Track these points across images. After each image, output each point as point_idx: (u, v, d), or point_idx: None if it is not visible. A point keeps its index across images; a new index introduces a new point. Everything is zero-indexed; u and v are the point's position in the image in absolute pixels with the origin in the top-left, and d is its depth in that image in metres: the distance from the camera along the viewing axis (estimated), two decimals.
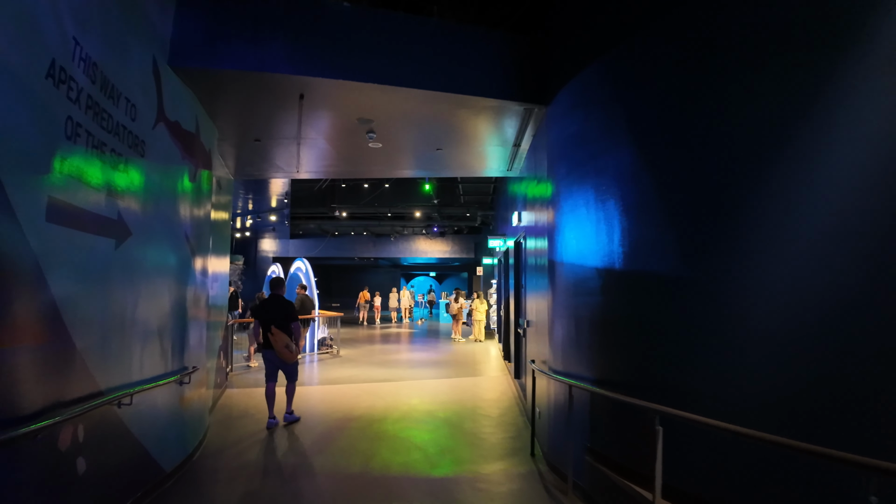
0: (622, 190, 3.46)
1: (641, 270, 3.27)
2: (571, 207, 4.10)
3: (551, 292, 4.61)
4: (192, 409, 4.99)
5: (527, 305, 6.61)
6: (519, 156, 6.66)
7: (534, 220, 5.89)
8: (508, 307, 9.71)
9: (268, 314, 5.87)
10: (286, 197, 12.90)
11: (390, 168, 7.41)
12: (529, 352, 6.14)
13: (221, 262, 7.33)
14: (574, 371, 3.99)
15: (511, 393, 7.72)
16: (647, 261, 3.22)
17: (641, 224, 3.28)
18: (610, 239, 3.54)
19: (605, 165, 3.64)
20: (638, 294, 3.30)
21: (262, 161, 7.19)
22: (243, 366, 9.99)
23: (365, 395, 7.48)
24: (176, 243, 4.49)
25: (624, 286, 3.42)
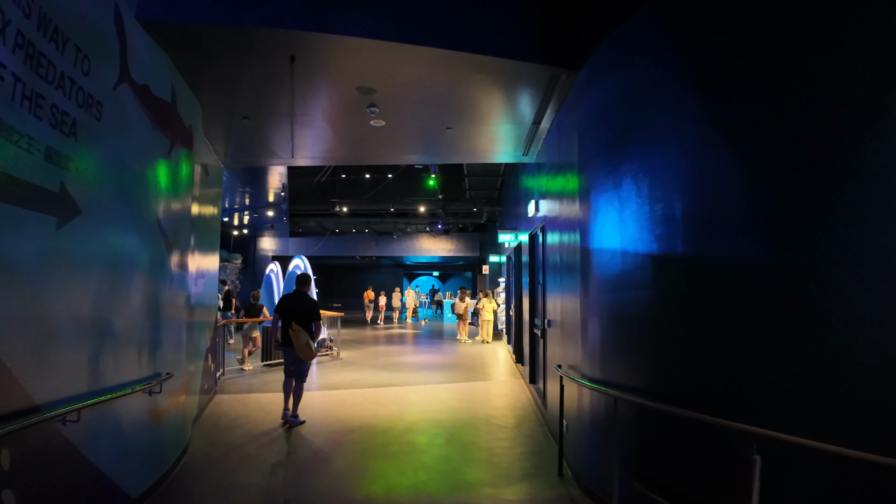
0: (685, 156, 2.79)
1: (711, 257, 2.60)
2: (613, 186, 3.44)
3: (583, 288, 3.95)
4: (167, 420, 4.34)
5: (546, 304, 5.94)
6: (537, 137, 5.99)
7: (556, 209, 5.23)
8: (521, 306, 9.03)
9: (290, 311, 5.66)
10: (283, 190, 12.24)
11: (394, 153, 6.75)
12: (551, 355, 5.47)
13: (209, 258, 6.68)
14: (617, 379, 3.32)
15: (526, 399, 7.05)
16: (719, 244, 2.56)
17: (712, 197, 2.61)
18: (668, 218, 2.87)
19: (661, 129, 2.97)
20: (706, 286, 2.63)
21: (253, 145, 6.54)
22: (236, 369, 9.33)
23: (367, 403, 6.82)
24: (146, 231, 3.84)
25: (687, 277, 2.75)
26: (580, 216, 4.07)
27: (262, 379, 8.60)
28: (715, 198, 2.60)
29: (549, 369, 5.73)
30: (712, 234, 2.60)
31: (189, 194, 5.03)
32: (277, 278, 14.28)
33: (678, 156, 2.83)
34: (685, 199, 2.77)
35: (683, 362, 2.75)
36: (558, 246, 5.06)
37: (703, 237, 2.66)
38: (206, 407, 6.53)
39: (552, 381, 5.40)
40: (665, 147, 2.93)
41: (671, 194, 2.87)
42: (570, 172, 4.50)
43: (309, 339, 5.57)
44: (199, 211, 6.04)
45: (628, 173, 3.26)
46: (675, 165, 2.84)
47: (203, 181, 6.15)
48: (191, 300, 5.37)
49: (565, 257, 4.68)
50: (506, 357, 11.26)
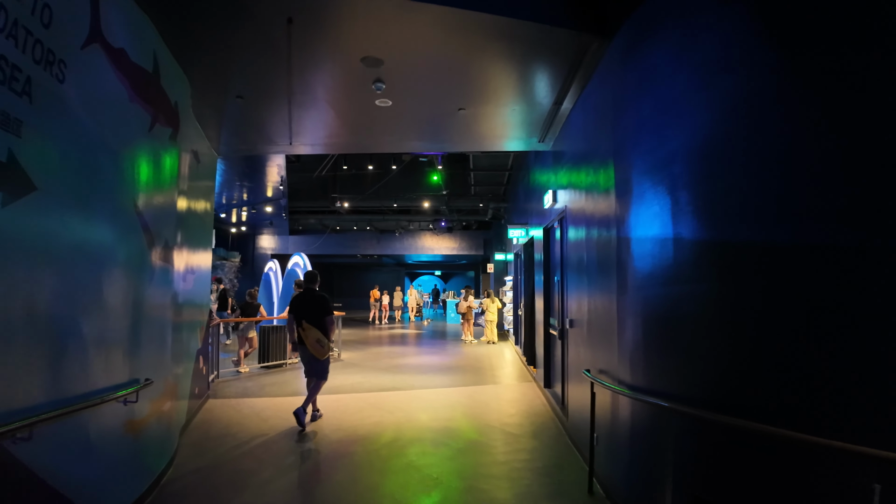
0: (756, 122, 2.31)
1: (793, 244, 2.12)
2: (662, 166, 2.96)
3: (620, 284, 3.47)
4: (148, 432, 3.86)
5: (566, 303, 5.46)
6: (556, 121, 5.52)
7: (581, 199, 4.75)
8: (533, 306, 8.55)
9: (301, 309, 5.58)
10: (282, 183, 11.74)
11: (401, 139, 6.26)
12: (574, 358, 4.99)
13: (200, 254, 6.20)
14: (665, 386, 2.84)
15: (541, 405, 6.57)
16: (804, 228, 2.07)
17: (797, 172, 2.13)
18: (736, 201, 2.39)
19: (724, 92, 2.49)
20: (792, 277, 2.15)
21: (249, 130, 6.06)
22: (232, 371, 8.85)
23: (370, 409, 6.34)
24: (122, 217, 3.36)
25: (762, 267, 2.27)
26: (615, 205, 3.59)
27: (258, 382, 8.12)
28: (798, 172, 2.12)
29: (569, 373, 5.25)
30: (794, 216, 2.12)
31: (176, 180, 4.55)
32: (276, 277, 13.80)
33: (745, 125, 2.35)
34: (759, 176, 2.29)
35: (758, 368, 2.27)
36: (584, 239, 4.58)
37: (781, 220, 2.18)
38: (196, 413, 6.05)
39: (575, 386, 4.92)
40: (728, 113, 2.45)
41: (738, 170, 2.38)
42: (601, 156, 4.02)
43: (320, 336, 5.47)
44: (190, 201, 5.56)
45: (681, 151, 2.77)
46: (743, 136, 2.36)
47: (194, 169, 5.68)
48: (178, 298, 4.90)
49: (594, 251, 4.20)
50: (514, 358, 10.78)
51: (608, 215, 3.76)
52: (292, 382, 8.08)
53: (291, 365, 9.62)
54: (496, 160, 11.70)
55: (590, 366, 4.18)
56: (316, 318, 5.51)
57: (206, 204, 6.63)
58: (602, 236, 3.93)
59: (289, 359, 9.59)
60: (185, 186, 5.14)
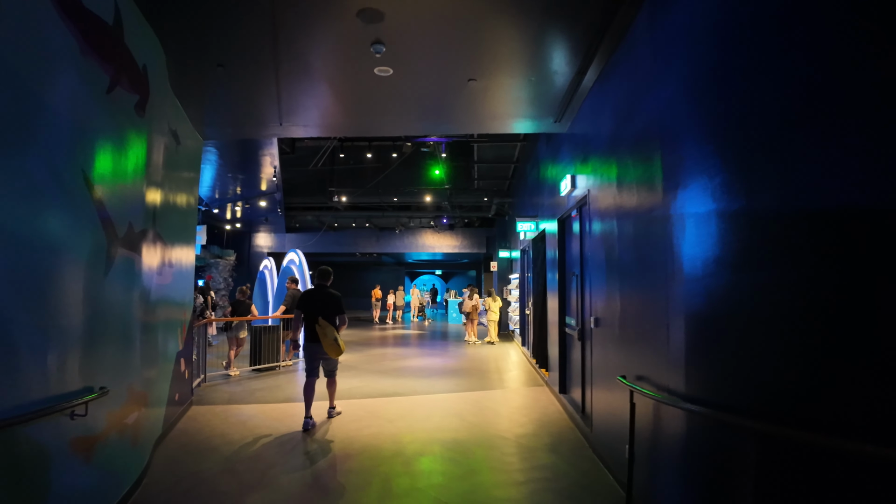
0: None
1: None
2: (736, 129, 2.37)
3: (669, 278, 2.89)
4: (106, 450, 3.27)
5: (589, 300, 4.88)
6: (577, 97, 4.93)
7: (611, 182, 4.18)
8: (544, 304, 7.96)
9: (314, 306, 5.43)
10: (276, 175, 11.13)
11: (403, 118, 5.66)
12: (601, 362, 4.40)
13: (181, 247, 5.61)
14: (737, 398, 2.25)
15: (557, 413, 5.98)
16: None
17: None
18: (857, 165, 1.80)
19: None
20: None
21: (234, 108, 5.47)
22: (221, 374, 8.26)
23: (368, 417, 5.74)
24: (64, 194, 2.77)
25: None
26: (663, 183, 3.01)
27: (247, 387, 7.52)
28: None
29: (593, 378, 4.66)
30: None
31: (145, 158, 3.95)
32: (271, 275, 13.22)
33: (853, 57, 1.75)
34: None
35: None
36: (615, 227, 3.99)
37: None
38: (176, 422, 5.45)
39: (602, 392, 4.33)
40: (828, 48, 1.86)
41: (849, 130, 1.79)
42: (641, 130, 3.43)
43: (336, 335, 5.31)
44: (167, 186, 4.97)
45: (763, 105, 2.18)
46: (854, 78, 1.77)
47: (172, 151, 5.09)
48: (149, 295, 4.30)
49: (631, 240, 3.62)
50: (521, 360, 10.19)
51: (653, 196, 3.17)
52: (284, 387, 7.48)
53: (284, 368, 9.02)
54: (502, 151, 11.12)
55: (625, 371, 3.59)
56: (330, 317, 5.39)
57: (188, 191, 6.04)
58: (644, 221, 3.34)
59: (282, 361, 8.99)
60: (159, 168, 4.56)
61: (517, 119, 5.70)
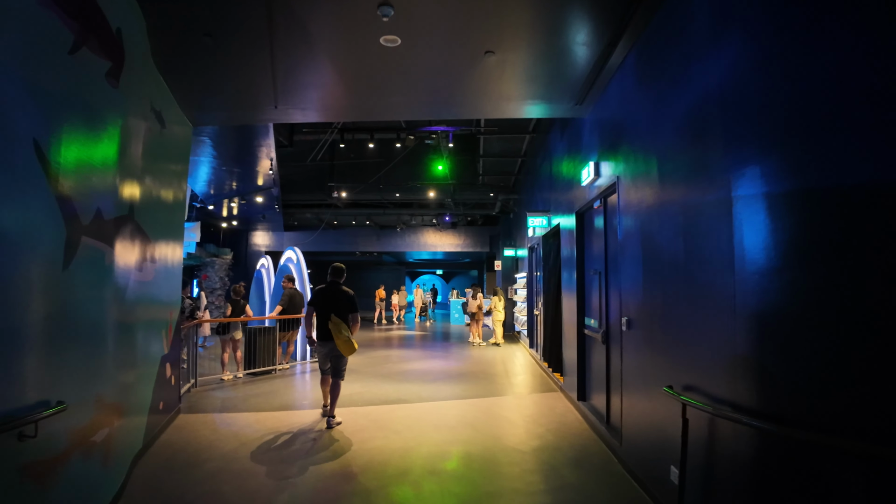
0: None
1: None
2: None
3: (734, 268, 2.42)
4: (66, 473, 2.79)
5: (618, 298, 4.41)
6: (605, 73, 4.46)
7: (651, 168, 3.72)
8: (557, 303, 7.49)
9: (327, 303, 5.31)
10: (272, 168, 10.62)
11: (411, 100, 5.15)
12: (634, 367, 3.91)
13: (167, 241, 5.13)
14: (852, 422, 1.78)
15: (576, 421, 5.50)
16: None
17: None
18: None
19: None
20: None
21: (224, 87, 4.99)
22: (215, 379, 7.76)
23: (372, 427, 5.25)
24: (14, 174, 2.29)
25: None
26: (723, 165, 2.54)
27: (242, 392, 7.03)
28: None
29: (624, 386, 4.19)
30: None
31: (118, 136, 3.47)
32: (268, 274, 12.74)
33: None
34: None
35: None
36: (656, 218, 3.52)
37: None
38: (161, 432, 4.97)
39: (636, 401, 3.85)
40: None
41: None
42: (692, 103, 2.96)
43: (349, 333, 5.20)
44: (151, 175, 4.50)
45: None
46: None
47: (156, 133, 4.61)
48: (126, 293, 3.82)
49: (679, 231, 3.14)
50: (530, 363, 9.70)
51: (709, 180, 2.70)
52: (281, 393, 6.99)
53: (281, 371, 8.53)
54: (509, 145, 10.64)
55: (668, 379, 3.12)
56: (343, 314, 5.27)
57: (176, 181, 5.56)
58: (696, 209, 2.87)
59: (278, 364, 8.50)
60: (140, 151, 4.08)
61: (533, 101, 5.21)
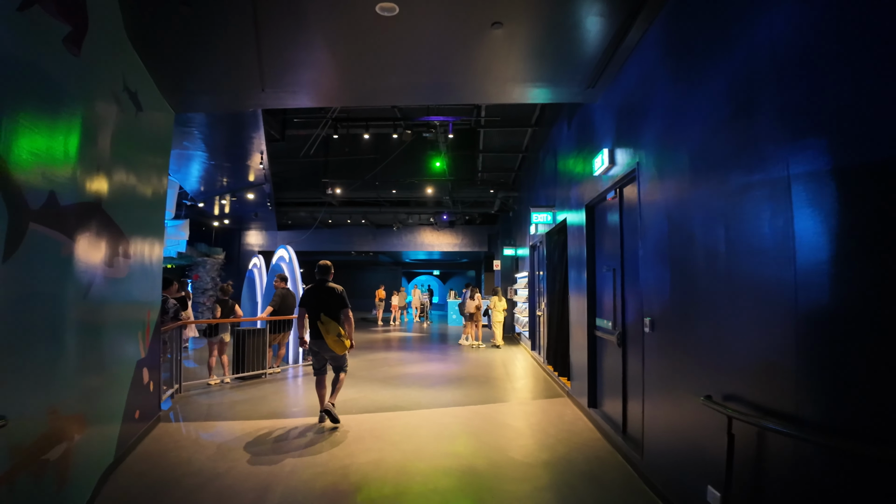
0: None
1: None
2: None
3: (795, 260, 2.04)
4: (14, 496, 2.37)
5: (639, 299, 4.03)
6: (622, 51, 4.08)
7: (680, 149, 3.33)
8: (563, 304, 7.10)
9: (316, 302, 5.24)
10: (262, 162, 10.18)
11: (408, 80, 4.72)
12: (659, 372, 3.52)
13: (143, 235, 4.72)
14: None
15: (587, 430, 5.10)
16: None
17: None
18: None
19: None
20: None
21: (206, 66, 4.58)
22: (202, 384, 7.33)
23: (367, 438, 4.84)
24: None
25: None
26: (778, 140, 2.16)
27: (229, 398, 6.61)
28: None
29: (646, 393, 3.80)
30: None
31: (80, 110, 3.06)
32: (261, 274, 12.31)
33: None
34: None
35: None
36: (687, 207, 3.14)
37: None
38: (137, 444, 4.54)
39: (665, 412, 3.47)
40: None
41: None
42: (733, 75, 2.59)
43: (340, 331, 5.13)
44: (125, 161, 4.09)
45: None
46: None
47: (132, 119, 4.21)
48: (92, 290, 3.41)
49: (717, 219, 2.76)
50: (532, 367, 9.31)
51: (758, 159, 2.32)
52: (270, 399, 6.56)
53: (272, 376, 8.10)
54: (510, 139, 10.27)
55: (706, 388, 2.73)
56: (333, 312, 5.19)
57: (156, 171, 5.14)
58: (740, 193, 2.48)
59: (268, 368, 8.07)
60: (110, 132, 3.67)
61: (541, 84, 4.83)
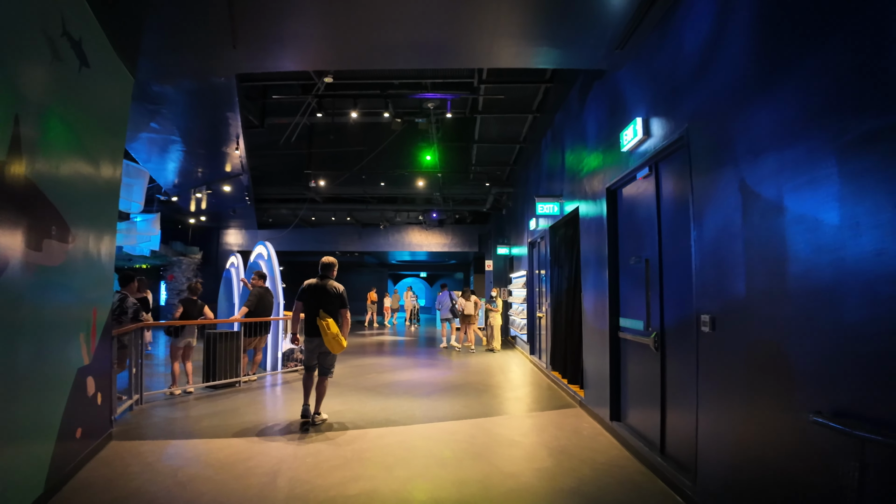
0: None
1: None
2: None
3: None
4: None
5: (686, 291, 3.36)
6: (657, 6, 3.43)
7: (763, 95, 2.68)
8: (574, 304, 6.43)
9: (317, 298, 5.20)
10: (238, 147, 9.32)
11: (405, 36, 3.98)
12: (726, 383, 2.84)
13: (88, 223, 3.92)
14: None
15: (614, 449, 4.41)
16: None
17: None
18: None
19: None
20: None
21: (164, 18, 3.80)
22: (161, 394, 6.47)
23: (354, 463, 4.07)
24: None
25: None
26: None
27: (196, 410, 5.77)
28: None
29: (700, 405, 3.12)
30: None
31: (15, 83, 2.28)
32: (238, 273, 11.46)
33: None
34: None
35: None
36: (781, 169, 2.48)
37: None
38: (77, 469, 3.71)
39: (731, 426, 2.78)
40: None
41: None
42: None
43: (338, 329, 5.06)
44: (62, 126, 3.29)
45: None
46: None
47: (74, 74, 3.42)
48: (6, 279, 2.61)
49: (833, 187, 2.10)
50: (531, 372, 8.61)
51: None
52: (243, 412, 5.74)
53: (246, 385, 7.26)
54: (509, 127, 9.60)
55: (814, 403, 2.05)
56: (332, 310, 5.13)
57: (108, 144, 4.34)
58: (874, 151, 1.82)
59: (242, 376, 7.23)
60: (37, 78, 2.89)
61: (556, 44, 4.14)
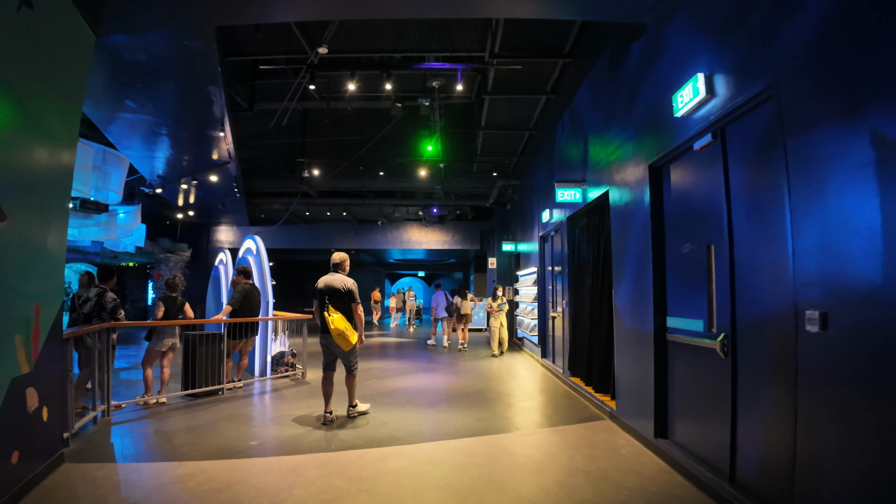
0: None
1: None
2: None
3: None
4: None
5: (778, 280, 2.67)
6: None
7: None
8: (601, 302, 5.71)
9: (325, 293, 5.00)
10: (223, 129, 8.60)
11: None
12: (840, 396, 2.13)
13: (30, 210, 3.19)
14: None
15: (664, 473, 3.69)
16: None
17: None
18: None
19: None
20: None
21: None
22: (132, 404, 5.71)
23: (351, 496, 3.32)
24: None
25: None
26: None
27: (170, 424, 5.01)
28: None
29: (798, 424, 2.42)
30: None
31: None
32: (227, 271, 10.74)
33: None
34: None
35: None
36: None
37: None
38: (14, 502, 2.98)
39: (850, 454, 2.07)
40: None
41: None
42: None
43: (347, 325, 4.93)
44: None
45: None
46: None
47: (11, 17, 2.69)
48: None
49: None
50: (545, 377, 7.89)
51: None
52: (225, 426, 4.96)
53: (231, 392, 6.51)
54: (518, 111, 8.90)
55: None
56: (341, 306, 5.01)
57: (53, 103, 3.60)
58: None
59: (226, 383, 6.47)
60: None
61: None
